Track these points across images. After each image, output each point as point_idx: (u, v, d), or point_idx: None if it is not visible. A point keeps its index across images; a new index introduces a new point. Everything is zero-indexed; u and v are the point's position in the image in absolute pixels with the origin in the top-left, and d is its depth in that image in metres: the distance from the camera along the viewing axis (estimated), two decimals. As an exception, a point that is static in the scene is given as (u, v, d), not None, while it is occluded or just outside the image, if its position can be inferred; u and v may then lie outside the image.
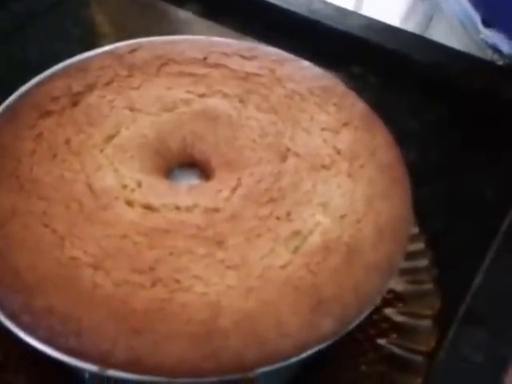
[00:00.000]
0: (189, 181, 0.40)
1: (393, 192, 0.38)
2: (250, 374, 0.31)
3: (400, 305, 0.45)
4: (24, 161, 0.37)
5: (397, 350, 0.43)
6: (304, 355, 0.32)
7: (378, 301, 0.34)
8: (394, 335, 0.44)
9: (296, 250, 0.34)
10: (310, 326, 0.32)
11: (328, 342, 0.33)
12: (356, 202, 0.36)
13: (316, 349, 0.32)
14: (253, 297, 0.32)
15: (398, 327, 0.44)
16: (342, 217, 0.36)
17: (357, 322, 0.34)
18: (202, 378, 0.31)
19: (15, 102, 0.41)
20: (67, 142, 0.38)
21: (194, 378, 0.31)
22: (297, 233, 0.35)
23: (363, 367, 0.42)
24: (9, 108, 0.41)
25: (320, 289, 0.33)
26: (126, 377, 0.31)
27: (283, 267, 0.33)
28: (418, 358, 0.42)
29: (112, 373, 0.31)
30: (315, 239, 0.35)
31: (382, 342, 0.43)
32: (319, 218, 0.35)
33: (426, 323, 0.44)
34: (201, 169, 0.40)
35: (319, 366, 0.41)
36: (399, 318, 0.44)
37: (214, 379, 0.31)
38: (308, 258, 0.34)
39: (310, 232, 0.35)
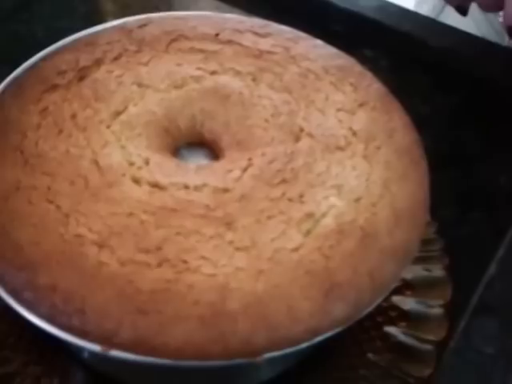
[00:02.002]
0: (197, 160, 0.38)
1: (410, 175, 0.36)
2: (258, 359, 0.30)
3: (409, 292, 0.43)
4: (29, 135, 0.36)
5: (405, 339, 0.41)
6: (315, 341, 0.31)
7: (392, 287, 0.33)
8: (403, 323, 0.42)
9: (308, 232, 0.33)
10: (322, 311, 0.31)
11: (340, 328, 0.32)
12: (372, 185, 0.35)
13: (328, 335, 0.31)
14: (263, 280, 0.31)
15: (406, 315, 0.42)
16: (357, 200, 0.34)
17: (371, 308, 0.32)
18: (208, 362, 0.30)
19: (21, 75, 0.40)
20: (73, 116, 0.37)
21: (199, 361, 0.30)
22: (309, 215, 0.34)
23: (369, 355, 0.41)
24: (15, 81, 0.39)
25: (333, 273, 0.32)
26: (130, 358, 0.30)
27: (295, 250, 0.32)
28: (428, 348, 0.41)
29: (115, 353, 0.30)
30: (329, 222, 0.33)
31: (389, 329, 0.42)
32: (333, 200, 0.34)
33: (437, 312, 0.43)
34: (210, 148, 0.39)
35: (324, 351, 0.39)
36: (408, 306, 0.43)
37: (220, 363, 0.30)
38: (321, 241, 0.33)
39: (324, 215, 0.34)
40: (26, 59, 0.41)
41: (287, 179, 0.35)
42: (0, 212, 0.33)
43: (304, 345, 0.31)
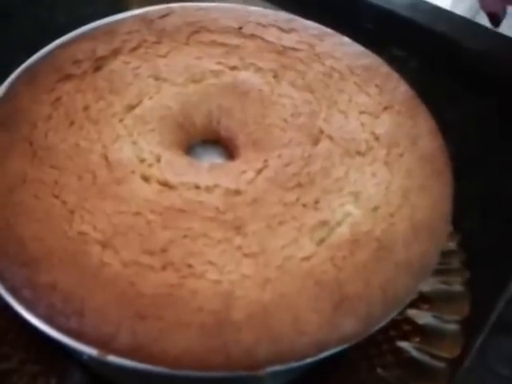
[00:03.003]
0: (211, 159, 0.37)
1: (432, 185, 0.35)
2: (261, 373, 0.29)
3: (425, 306, 0.41)
4: (39, 126, 0.35)
5: (418, 355, 0.40)
6: (321, 356, 0.30)
7: (406, 302, 0.32)
8: (417, 338, 0.41)
9: (321, 241, 0.31)
10: (330, 325, 0.29)
11: (349, 344, 0.30)
12: (391, 194, 0.34)
13: (335, 350, 0.30)
14: (269, 289, 0.30)
15: (421, 330, 0.41)
16: (375, 209, 0.33)
17: (382, 323, 0.31)
18: (209, 372, 0.29)
19: (36, 63, 0.39)
20: (86, 108, 0.36)
21: (199, 371, 0.29)
22: (324, 223, 0.32)
23: (379, 370, 0.39)
24: (28, 69, 0.38)
25: (344, 285, 0.30)
26: (127, 364, 0.29)
27: (305, 259, 0.31)
28: (441, 365, 0.39)
29: (112, 359, 0.29)
30: (343, 231, 0.32)
31: (402, 344, 0.40)
32: (349, 208, 0.33)
33: (452, 328, 0.41)
34: (225, 147, 0.38)
35: (332, 364, 0.38)
36: (423, 321, 0.41)
37: (221, 374, 0.29)
38: (334, 251, 0.31)
39: (339, 223, 0.32)
40: (46, 45, 0.40)
41: (302, 184, 0.34)
42: (5, 205, 0.32)
43: (309, 359, 0.29)
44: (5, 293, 0.30)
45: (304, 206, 0.33)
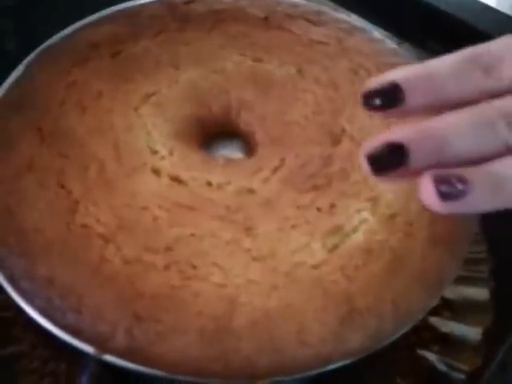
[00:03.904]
0: (227, 153, 0.36)
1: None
2: (261, 383, 0.28)
3: (448, 314, 0.40)
4: (51, 111, 0.34)
5: (437, 365, 0.38)
6: (324, 369, 0.28)
7: (419, 318, 0.30)
8: (436, 347, 0.39)
9: (334, 248, 0.30)
10: (335, 339, 0.28)
11: (354, 359, 0.29)
12: (411, 201, 0.32)
13: (339, 364, 0.28)
14: (276, 296, 0.28)
15: (442, 339, 0.39)
16: (393, 216, 0.31)
17: (392, 339, 0.29)
18: (206, 379, 0.27)
19: (54, 45, 0.38)
20: (100, 95, 0.35)
21: (196, 378, 0.27)
22: (338, 229, 0.31)
23: (397, 379, 0.38)
24: (46, 51, 0.37)
25: (353, 297, 0.29)
26: (123, 365, 0.28)
27: (316, 267, 0.29)
28: (460, 377, 0.38)
29: (109, 358, 0.28)
30: (358, 239, 0.30)
31: (421, 352, 0.39)
32: (366, 214, 0.31)
33: (474, 339, 0.39)
34: (243, 141, 0.36)
35: (346, 369, 0.37)
36: (445, 329, 0.39)
37: (218, 381, 0.28)
38: (346, 259, 0.30)
39: (354, 230, 0.31)
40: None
41: (319, 186, 0.32)
42: (9, 192, 0.31)
43: (312, 372, 0.28)
44: (4, 282, 0.30)
45: (318, 209, 0.31)
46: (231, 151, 0.36)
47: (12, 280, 0.29)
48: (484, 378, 0.37)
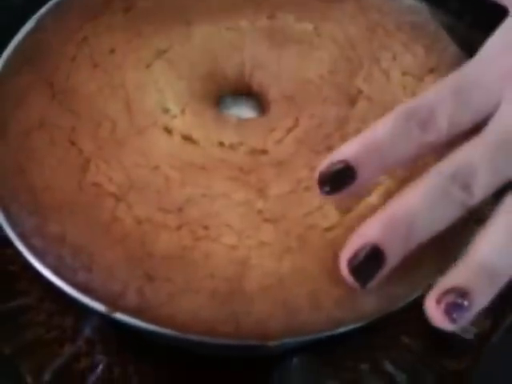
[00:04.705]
0: (241, 111, 0.35)
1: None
2: (271, 344, 0.27)
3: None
4: (62, 66, 0.33)
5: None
6: (335, 332, 0.28)
7: (433, 280, 0.30)
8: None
9: (347, 211, 0.30)
10: (347, 303, 0.28)
11: (367, 321, 0.28)
12: (428, 162, 0.31)
13: (352, 326, 0.28)
14: (288, 259, 0.28)
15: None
16: (408, 179, 0.31)
17: (405, 303, 0.29)
18: (216, 340, 0.27)
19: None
20: (112, 51, 0.34)
21: (207, 338, 0.27)
22: (352, 191, 0.30)
23: (405, 339, 0.38)
24: (59, 5, 0.36)
25: (367, 261, 0.28)
26: (134, 323, 0.28)
27: (329, 229, 0.29)
28: (468, 338, 0.37)
29: (119, 316, 0.28)
30: (372, 201, 0.30)
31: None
32: (381, 177, 0.31)
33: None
34: (256, 100, 0.36)
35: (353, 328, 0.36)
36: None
37: (230, 342, 0.27)
38: (359, 222, 0.29)
39: (368, 192, 0.30)
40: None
41: (333, 147, 0.31)
42: (19, 149, 0.31)
43: (323, 335, 0.28)
44: (15, 239, 0.29)
45: (333, 171, 0.31)
46: (244, 110, 0.35)
47: (23, 237, 0.29)
48: (492, 340, 0.37)
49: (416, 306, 0.38)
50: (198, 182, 0.30)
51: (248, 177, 0.30)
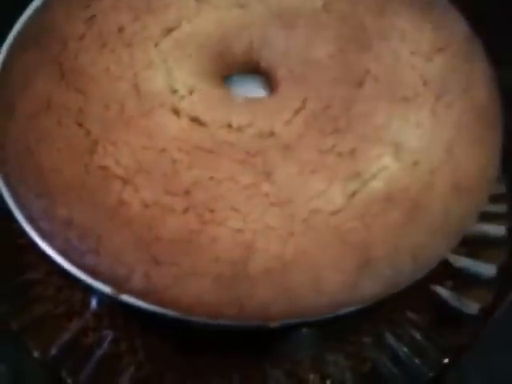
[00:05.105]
0: (249, 90, 0.35)
1: (480, 141, 0.32)
2: (273, 324, 0.28)
3: (463, 250, 0.39)
4: (70, 45, 0.33)
5: (450, 300, 0.38)
6: (338, 313, 0.28)
7: (434, 266, 0.30)
8: (450, 282, 0.39)
9: (353, 195, 0.30)
10: (351, 287, 0.28)
11: (367, 304, 0.29)
12: (434, 148, 0.31)
13: (352, 309, 0.29)
14: (292, 243, 0.28)
15: (455, 274, 0.39)
16: (415, 164, 0.31)
17: (408, 284, 0.29)
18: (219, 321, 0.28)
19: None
20: (120, 29, 0.34)
21: (210, 320, 0.28)
22: (357, 174, 0.30)
23: (408, 313, 0.38)
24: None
25: (371, 246, 0.29)
26: (140, 305, 0.28)
27: (334, 213, 0.29)
28: (472, 313, 0.38)
29: (126, 298, 0.28)
30: (377, 186, 0.30)
31: (434, 288, 0.39)
32: (387, 160, 0.31)
33: (488, 275, 0.39)
34: (264, 78, 0.35)
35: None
36: (459, 264, 0.39)
37: (232, 323, 0.28)
38: (364, 207, 0.29)
39: (373, 176, 0.30)
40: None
41: (341, 129, 0.31)
42: (27, 130, 0.31)
43: (324, 317, 0.28)
44: (23, 221, 0.30)
45: (339, 154, 0.31)
46: (252, 88, 0.35)
47: (31, 220, 0.30)
48: (495, 315, 0.38)
49: (419, 282, 0.38)
50: (205, 165, 0.30)
51: (255, 159, 0.30)
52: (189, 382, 0.35)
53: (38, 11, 0.35)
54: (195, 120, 0.31)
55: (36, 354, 0.35)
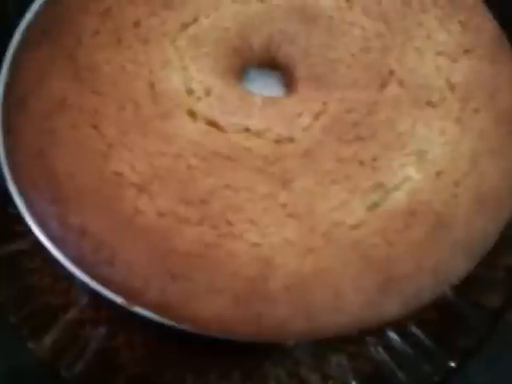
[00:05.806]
0: (265, 86, 0.34)
1: (506, 150, 0.31)
2: (290, 342, 0.27)
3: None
4: (85, 41, 0.32)
5: (457, 301, 0.37)
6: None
7: (456, 282, 0.29)
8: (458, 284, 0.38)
9: (374, 206, 0.29)
10: (372, 307, 0.27)
11: (390, 323, 0.28)
12: (459, 158, 0.30)
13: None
14: (312, 259, 0.28)
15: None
16: (438, 174, 0.30)
17: (426, 304, 0.29)
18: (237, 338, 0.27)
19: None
20: (136, 24, 0.33)
21: (227, 337, 0.27)
22: (379, 185, 0.29)
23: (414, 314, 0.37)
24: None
25: (393, 264, 0.28)
26: (153, 318, 0.28)
27: (354, 227, 0.28)
28: (480, 315, 0.37)
29: (139, 310, 0.28)
30: (400, 197, 0.29)
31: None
32: (410, 171, 0.30)
33: (496, 276, 0.38)
34: (282, 74, 0.34)
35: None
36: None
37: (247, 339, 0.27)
38: (387, 221, 0.28)
39: (396, 187, 0.29)
40: None
41: (363, 136, 0.30)
42: (41, 131, 0.30)
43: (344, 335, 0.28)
44: (35, 227, 0.29)
45: (361, 163, 0.30)
46: (269, 84, 0.34)
47: (43, 225, 0.29)
48: (503, 316, 0.37)
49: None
50: (222, 172, 0.29)
51: (272, 167, 0.29)
52: (189, 380, 0.35)
53: (48, 2, 0.33)
54: (212, 123, 0.30)
55: (31, 345, 0.34)
